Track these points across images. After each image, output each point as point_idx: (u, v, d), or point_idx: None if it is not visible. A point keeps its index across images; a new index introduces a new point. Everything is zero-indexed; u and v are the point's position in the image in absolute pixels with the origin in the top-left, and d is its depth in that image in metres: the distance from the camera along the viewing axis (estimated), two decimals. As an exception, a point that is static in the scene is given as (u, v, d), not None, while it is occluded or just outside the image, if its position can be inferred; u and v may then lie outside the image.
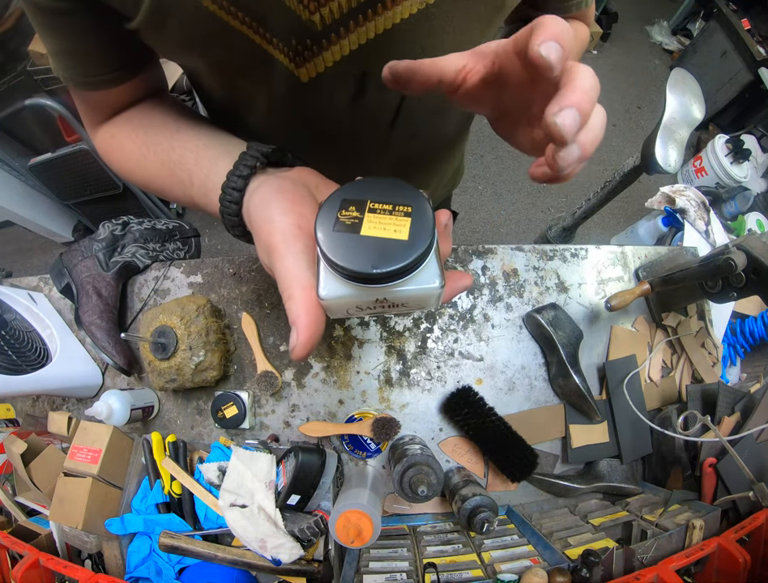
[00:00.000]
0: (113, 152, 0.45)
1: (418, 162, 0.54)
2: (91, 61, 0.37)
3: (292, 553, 0.57)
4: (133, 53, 0.38)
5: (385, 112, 0.42)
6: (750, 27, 2.12)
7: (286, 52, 0.33)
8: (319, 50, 0.34)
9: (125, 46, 0.36)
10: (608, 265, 0.79)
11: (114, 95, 0.42)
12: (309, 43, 0.33)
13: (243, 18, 0.31)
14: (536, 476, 0.70)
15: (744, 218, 1.52)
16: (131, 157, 0.42)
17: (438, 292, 0.25)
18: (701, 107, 1.31)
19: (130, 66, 0.40)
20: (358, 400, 0.74)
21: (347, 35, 0.33)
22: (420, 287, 0.24)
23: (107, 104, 0.43)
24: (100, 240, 0.76)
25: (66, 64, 0.37)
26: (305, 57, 0.34)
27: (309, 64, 0.35)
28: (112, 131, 0.45)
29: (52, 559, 0.55)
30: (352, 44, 0.33)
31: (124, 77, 0.40)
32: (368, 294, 0.24)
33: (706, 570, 0.53)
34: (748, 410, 0.65)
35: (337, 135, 0.44)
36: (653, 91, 2.58)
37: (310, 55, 0.34)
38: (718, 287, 0.62)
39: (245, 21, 0.31)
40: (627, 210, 2.20)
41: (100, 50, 0.36)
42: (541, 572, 0.51)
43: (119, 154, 0.44)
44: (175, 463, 0.65)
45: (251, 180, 0.32)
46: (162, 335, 0.68)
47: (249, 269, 0.78)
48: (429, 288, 0.25)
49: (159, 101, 0.46)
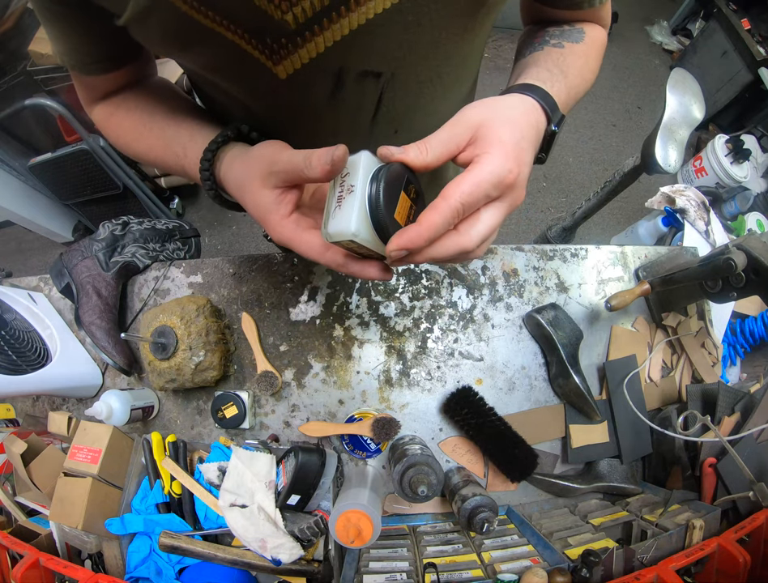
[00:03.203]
0: (112, 127, 0.51)
1: None
2: (85, 50, 0.42)
3: (292, 553, 0.57)
4: (123, 46, 0.41)
5: (365, 107, 0.43)
6: (750, 27, 2.12)
7: (261, 49, 0.34)
8: (294, 48, 0.34)
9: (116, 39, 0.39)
10: (607, 265, 0.79)
11: (106, 81, 0.47)
12: (284, 41, 0.34)
13: (215, 17, 0.32)
14: (536, 476, 0.70)
15: (744, 218, 1.52)
16: (129, 132, 0.49)
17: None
18: (701, 107, 1.31)
19: (120, 57, 0.45)
20: (358, 400, 0.74)
21: (322, 32, 0.33)
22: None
23: (101, 88, 0.49)
24: (100, 240, 0.76)
25: (62, 49, 0.42)
26: (281, 55, 0.35)
27: (287, 61, 0.35)
28: (109, 109, 0.50)
29: (52, 559, 0.54)
30: (327, 41, 0.34)
31: (114, 66, 0.45)
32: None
33: (706, 570, 0.53)
34: (748, 410, 0.65)
35: (319, 130, 0.45)
36: (653, 91, 2.58)
37: (286, 53, 0.35)
38: (718, 287, 0.62)
39: (216, 20, 0.32)
40: (627, 210, 2.20)
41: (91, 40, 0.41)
42: (541, 572, 0.51)
43: (117, 129, 0.50)
44: (175, 463, 0.65)
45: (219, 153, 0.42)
46: (162, 335, 0.68)
47: (249, 269, 0.78)
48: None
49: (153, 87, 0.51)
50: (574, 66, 0.44)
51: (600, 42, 0.49)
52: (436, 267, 0.78)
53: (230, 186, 0.41)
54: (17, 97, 1.44)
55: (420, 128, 0.50)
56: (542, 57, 0.44)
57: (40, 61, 1.53)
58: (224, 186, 0.42)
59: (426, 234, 0.29)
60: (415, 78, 0.41)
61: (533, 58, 0.44)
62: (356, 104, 0.42)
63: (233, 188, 0.40)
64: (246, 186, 0.38)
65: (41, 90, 1.58)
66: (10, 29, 1.51)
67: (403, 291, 0.77)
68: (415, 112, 0.46)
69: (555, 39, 0.46)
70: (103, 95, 0.50)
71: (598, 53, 0.48)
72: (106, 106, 0.50)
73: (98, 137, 1.54)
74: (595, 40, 0.47)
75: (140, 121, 0.48)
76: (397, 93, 0.42)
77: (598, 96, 2.56)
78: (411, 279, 0.77)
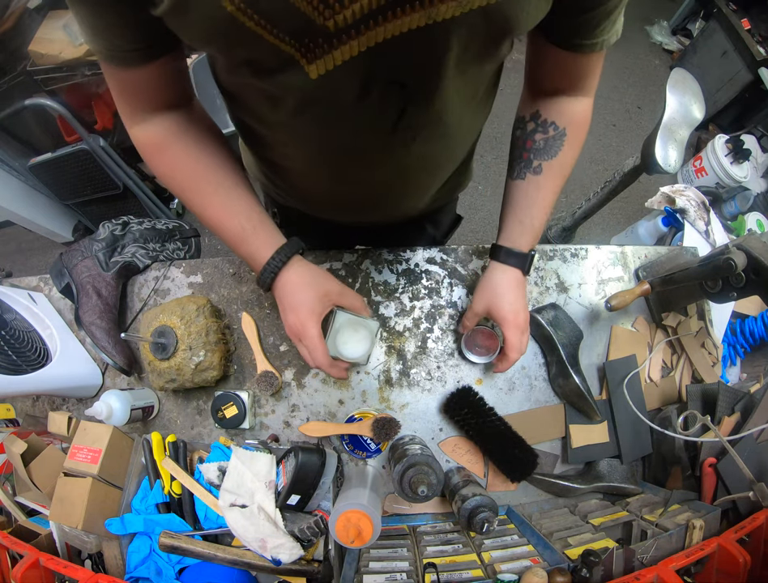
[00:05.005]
0: (164, 163, 0.52)
1: (419, 163, 0.55)
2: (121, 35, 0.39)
3: (292, 553, 0.57)
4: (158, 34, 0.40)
5: (388, 114, 0.45)
6: (750, 27, 2.12)
7: (297, 47, 0.35)
8: (330, 48, 0.36)
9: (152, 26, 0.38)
10: (607, 265, 0.79)
11: (144, 75, 0.44)
12: (320, 41, 0.35)
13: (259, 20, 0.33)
14: (536, 476, 0.70)
15: (744, 218, 1.52)
16: (187, 179, 0.52)
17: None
18: (701, 107, 1.32)
19: (155, 46, 0.42)
20: (358, 400, 0.74)
21: (357, 37, 0.35)
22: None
23: (140, 88, 0.46)
24: (100, 240, 0.76)
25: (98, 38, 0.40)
26: (315, 54, 0.36)
27: (320, 61, 0.37)
28: (159, 138, 0.50)
29: (52, 559, 0.54)
30: (361, 46, 0.36)
31: (150, 54, 0.42)
32: None
33: (706, 570, 0.53)
34: (748, 410, 0.65)
35: (341, 132, 0.47)
36: (653, 91, 2.58)
37: (321, 52, 0.36)
38: (718, 287, 0.62)
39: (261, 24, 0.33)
40: (627, 210, 2.20)
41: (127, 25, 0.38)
42: (541, 572, 0.51)
43: (172, 168, 0.52)
44: (175, 463, 0.65)
45: (283, 267, 0.54)
46: (162, 335, 0.68)
47: (249, 269, 0.78)
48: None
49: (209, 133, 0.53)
50: (545, 199, 0.59)
51: (584, 124, 0.57)
52: (436, 267, 0.78)
53: (284, 290, 0.55)
54: (17, 97, 1.44)
55: (438, 141, 0.52)
56: (521, 196, 0.59)
57: (40, 61, 1.53)
58: (277, 284, 0.55)
59: (507, 368, 0.65)
60: (438, 93, 0.43)
61: (513, 196, 0.60)
62: (379, 111, 0.44)
63: (285, 293, 0.55)
64: (300, 306, 0.55)
65: (41, 90, 1.58)
66: (10, 29, 1.51)
67: (403, 291, 0.77)
68: (435, 124, 0.48)
69: (537, 158, 0.57)
70: (144, 103, 0.48)
71: (579, 142, 0.58)
72: (155, 132, 0.49)
73: (98, 137, 1.54)
74: (578, 129, 0.56)
75: (202, 173, 0.51)
76: (420, 105, 0.44)
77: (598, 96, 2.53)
78: (411, 279, 0.77)
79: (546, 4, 0.39)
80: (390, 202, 0.64)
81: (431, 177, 0.63)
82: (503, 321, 0.61)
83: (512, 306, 0.61)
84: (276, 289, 0.56)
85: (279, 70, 0.38)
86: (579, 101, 0.56)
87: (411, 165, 0.55)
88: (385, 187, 0.59)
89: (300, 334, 0.55)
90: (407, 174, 0.57)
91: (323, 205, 0.68)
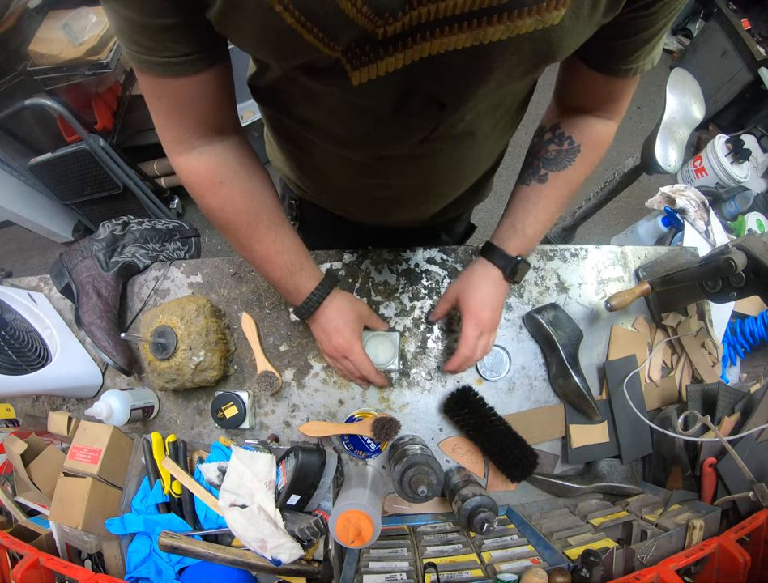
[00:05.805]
0: (221, 198, 0.51)
1: (443, 172, 0.57)
2: (172, 39, 0.37)
3: (292, 553, 0.57)
4: (209, 40, 0.39)
5: (422, 128, 0.45)
6: (750, 27, 2.12)
7: (344, 52, 0.35)
8: (375, 58, 0.36)
9: (203, 31, 0.37)
10: (607, 265, 0.79)
11: (200, 84, 0.42)
12: (367, 49, 0.35)
13: (312, 28, 0.33)
14: (536, 476, 0.70)
15: (744, 218, 1.52)
16: (244, 217, 0.53)
17: None
18: (701, 107, 1.32)
19: (206, 53, 0.40)
20: (358, 400, 0.74)
21: (404, 49, 0.35)
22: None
23: (193, 102, 0.43)
24: (100, 240, 0.76)
25: (147, 44, 0.37)
26: (361, 61, 0.36)
27: (364, 69, 0.37)
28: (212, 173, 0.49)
29: (52, 559, 0.54)
30: (406, 59, 0.36)
31: (201, 62, 0.40)
32: None
33: (706, 570, 0.53)
34: (748, 410, 0.65)
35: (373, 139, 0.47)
36: (653, 91, 2.58)
37: (366, 60, 0.36)
38: (718, 287, 0.62)
39: (314, 33, 0.33)
40: (627, 210, 2.20)
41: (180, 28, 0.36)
42: (541, 572, 0.51)
43: (226, 204, 0.52)
44: (175, 463, 0.65)
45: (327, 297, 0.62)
46: (162, 335, 0.68)
47: (249, 269, 0.78)
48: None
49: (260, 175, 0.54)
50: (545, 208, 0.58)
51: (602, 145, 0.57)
52: (436, 267, 0.78)
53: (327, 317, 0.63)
54: (17, 97, 1.44)
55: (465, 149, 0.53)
56: (520, 201, 0.59)
57: (40, 61, 1.53)
58: (319, 312, 0.62)
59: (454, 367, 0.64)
60: (473, 113, 0.45)
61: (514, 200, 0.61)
62: (414, 123, 0.45)
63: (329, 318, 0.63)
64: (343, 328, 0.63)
65: (41, 90, 1.58)
66: (10, 29, 1.51)
67: (403, 291, 0.77)
68: (465, 136, 0.49)
69: (545, 168, 0.57)
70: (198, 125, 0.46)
71: (592, 161, 0.58)
72: (209, 163, 0.48)
73: (98, 137, 1.54)
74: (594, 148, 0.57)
75: (256, 211, 0.53)
76: (454, 124, 0.45)
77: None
78: (411, 279, 0.77)
79: (590, 30, 0.38)
80: (410, 206, 0.64)
81: (454, 187, 0.64)
82: (465, 311, 0.62)
83: (480, 300, 0.61)
84: (319, 316, 0.63)
85: (322, 72, 0.38)
86: (604, 123, 0.56)
87: (436, 173, 0.55)
88: (406, 192, 0.59)
89: (347, 351, 0.63)
90: (431, 181, 0.57)
91: (343, 202, 0.69)
